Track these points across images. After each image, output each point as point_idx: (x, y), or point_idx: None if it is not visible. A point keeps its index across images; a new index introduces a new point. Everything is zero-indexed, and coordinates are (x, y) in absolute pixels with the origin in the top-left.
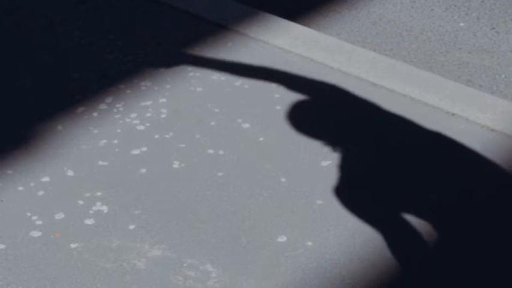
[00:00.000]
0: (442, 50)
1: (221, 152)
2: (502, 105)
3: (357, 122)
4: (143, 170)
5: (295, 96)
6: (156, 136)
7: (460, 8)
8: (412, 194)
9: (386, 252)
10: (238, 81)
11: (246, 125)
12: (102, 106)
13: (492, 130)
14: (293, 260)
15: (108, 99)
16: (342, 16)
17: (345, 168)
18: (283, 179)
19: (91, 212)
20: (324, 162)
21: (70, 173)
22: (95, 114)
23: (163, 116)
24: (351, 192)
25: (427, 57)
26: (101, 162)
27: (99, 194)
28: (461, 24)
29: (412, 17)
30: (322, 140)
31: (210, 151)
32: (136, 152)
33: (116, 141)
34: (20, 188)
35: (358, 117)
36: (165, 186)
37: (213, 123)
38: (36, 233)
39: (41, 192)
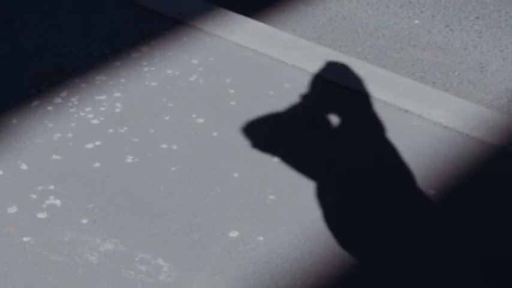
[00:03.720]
0: (396, 46)
1: (175, 147)
2: (455, 102)
3: (310, 118)
4: (97, 164)
5: (250, 92)
6: (110, 130)
7: (415, 5)
8: (364, 190)
9: (338, 248)
10: (193, 76)
11: (201, 120)
12: (57, 100)
13: (445, 127)
14: (244, 255)
15: (63, 93)
16: (298, 12)
17: (298, 164)
18: (236, 174)
19: (44, 205)
20: (277, 157)
21: (24, 166)
22: (50, 108)
23: (117, 110)
24: (303, 188)
25: (382, 53)
26: (55, 156)
27: (52, 187)
28: (416, 21)
29: (367, 13)
30: (275, 135)
31: (164, 146)
32: (90, 146)
33: (70, 135)
34: None
35: (311, 113)
36: (119, 180)
37: (167, 118)
38: None
39: None
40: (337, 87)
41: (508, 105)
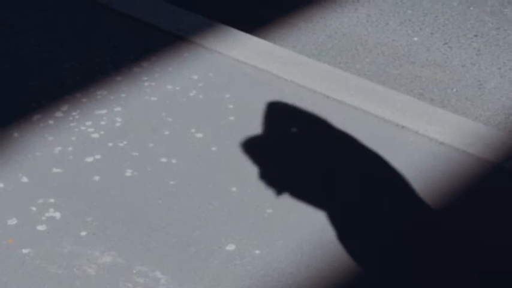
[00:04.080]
0: (395, 63)
1: (174, 161)
2: (451, 119)
3: (308, 134)
4: (96, 178)
5: (248, 107)
6: (110, 144)
7: (414, 22)
8: (361, 205)
9: (334, 262)
10: (193, 92)
11: (200, 135)
12: (58, 114)
13: (441, 143)
14: (241, 268)
15: (64, 107)
16: (298, 29)
17: (296, 179)
18: (234, 188)
19: (43, 218)
20: (275, 172)
21: (24, 179)
22: (51, 121)
23: (117, 124)
24: (300, 202)
25: (381, 70)
26: (55, 169)
27: (52, 200)
28: (415, 38)
29: (367, 30)
30: (274, 150)
31: (163, 160)
32: (90, 159)
33: (70, 149)
34: None
35: (309, 129)
36: (118, 193)
37: (166, 132)
38: None
39: None
40: (335, 103)
41: (505, 122)
